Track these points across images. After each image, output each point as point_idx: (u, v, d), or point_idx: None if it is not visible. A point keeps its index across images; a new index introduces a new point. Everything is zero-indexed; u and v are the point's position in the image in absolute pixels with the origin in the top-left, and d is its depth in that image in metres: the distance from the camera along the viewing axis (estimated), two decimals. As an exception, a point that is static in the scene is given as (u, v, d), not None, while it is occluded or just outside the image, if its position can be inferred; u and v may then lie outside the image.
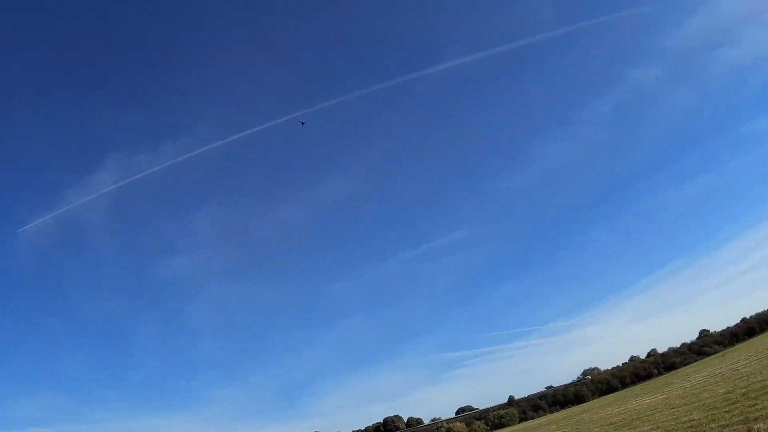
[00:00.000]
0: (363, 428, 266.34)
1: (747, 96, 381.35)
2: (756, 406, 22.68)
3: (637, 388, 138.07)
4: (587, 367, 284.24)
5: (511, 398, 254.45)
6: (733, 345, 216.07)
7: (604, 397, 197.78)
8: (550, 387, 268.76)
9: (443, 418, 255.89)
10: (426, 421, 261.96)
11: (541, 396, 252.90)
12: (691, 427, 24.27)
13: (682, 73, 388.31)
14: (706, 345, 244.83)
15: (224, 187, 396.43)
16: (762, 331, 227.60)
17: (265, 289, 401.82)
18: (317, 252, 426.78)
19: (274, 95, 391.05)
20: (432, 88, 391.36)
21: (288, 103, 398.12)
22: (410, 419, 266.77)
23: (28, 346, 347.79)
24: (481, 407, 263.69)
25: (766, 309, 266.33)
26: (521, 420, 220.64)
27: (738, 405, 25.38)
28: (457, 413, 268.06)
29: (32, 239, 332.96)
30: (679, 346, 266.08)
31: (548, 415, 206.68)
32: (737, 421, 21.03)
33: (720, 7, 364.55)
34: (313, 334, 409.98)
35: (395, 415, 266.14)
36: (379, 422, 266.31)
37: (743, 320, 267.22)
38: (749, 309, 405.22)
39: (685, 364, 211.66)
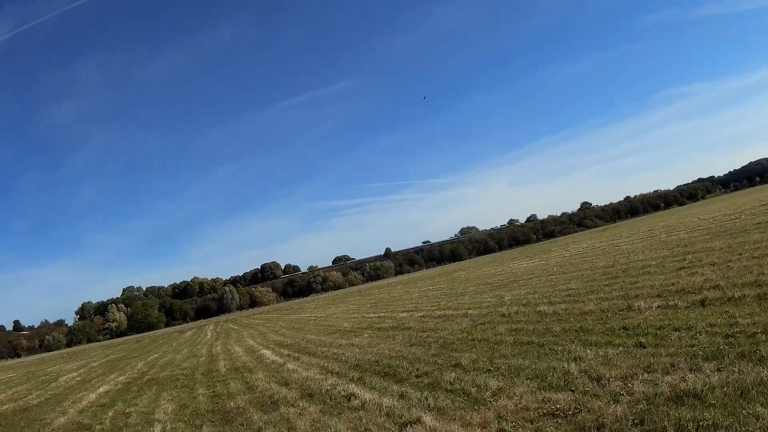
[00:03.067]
0: (241, 274, 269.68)
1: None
2: (636, 284, 22.51)
3: (515, 252, 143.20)
4: (465, 226, 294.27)
5: (387, 251, 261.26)
6: (615, 222, 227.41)
7: (481, 257, 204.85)
8: (427, 242, 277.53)
9: (320, 267, 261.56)
10: (303, 269, 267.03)
11: (417, 251, 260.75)
12: (569, 296, 24.04)
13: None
14: (587, 217, 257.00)
15: (112, 32, 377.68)
16: (645, 212, 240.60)
17: (147, 133, 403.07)
18: (199, 97, 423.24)
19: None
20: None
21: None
22: (287, 266, 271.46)
23: None
24: (358, 258, 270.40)
25: (651, 192, 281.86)
26: (397, 273, 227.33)
27: (618, 280, 25.31)
28: (333, 262, 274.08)
29: None
30: (559, 215, 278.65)
31: (424, 270, 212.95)
32: (617, 296, 20.78)
33: None
34: (191, 180, 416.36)
35: (273, 262, 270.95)
36: (257, 268, 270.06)
37: (627, 198, 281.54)
38: (634, 189, 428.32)
39: (565, 234, 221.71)
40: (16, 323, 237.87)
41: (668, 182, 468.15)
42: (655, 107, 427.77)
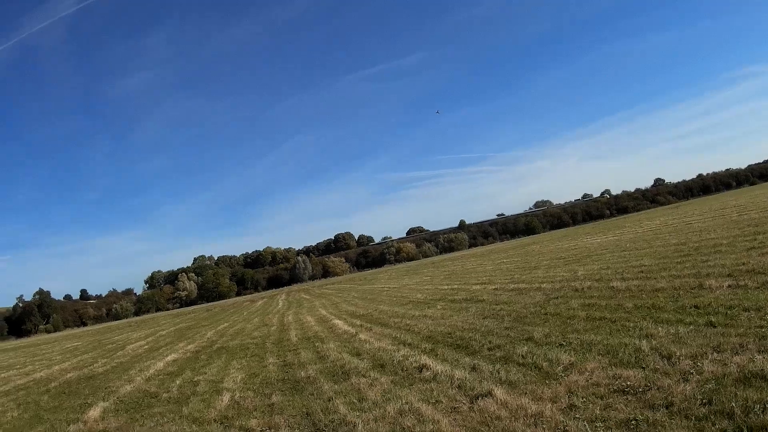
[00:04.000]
0: (314, 244, 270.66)
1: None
2: (708, 263, 22.07)
3: (588, 227, 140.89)
4: (539, 200, 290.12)
5: (462, 223, 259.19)
6: (687, 199, 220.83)
7: (555, 231, 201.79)
8: (502, 215, 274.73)
9: (394, 238, 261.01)
10: (377, 240, 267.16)
11: (491, 223, 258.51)
12: (642, 272, 23.72)
13: None
14: (660, 194, 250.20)
15: (182, 3, 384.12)
16: (717, 190, 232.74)
17: (218, 104, 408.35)
18: (271, 68, 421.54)
19: None
20: None
21: None
22: (361, 237, 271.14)
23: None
24: (432, 229, 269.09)
25: (723, 170, 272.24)
26: (471, 245, 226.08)
27: (689, 258, 24.82)
28: (407, 234, 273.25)
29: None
30: (633, 190, 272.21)
31: (498, 243, 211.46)
32: (688, 274, 20.42)
33: None
34: (263, 150, 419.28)
35: (346, 233, 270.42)
36: (331, 239, 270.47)
37: (699, 176, 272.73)
38: (706, 166, 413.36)
39: (638, 210, 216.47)
40: (83, 292, 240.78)
41: (740, 161, 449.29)
42: (728, 85, 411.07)
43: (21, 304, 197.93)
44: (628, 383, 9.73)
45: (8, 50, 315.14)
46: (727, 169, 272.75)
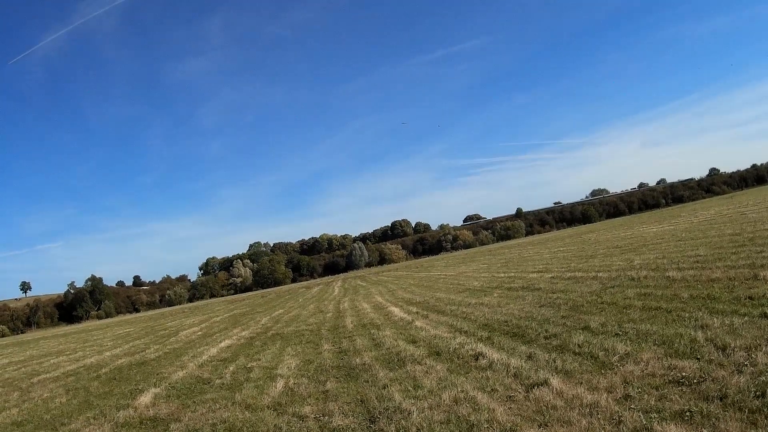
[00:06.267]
0: (371, 231, 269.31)
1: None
2: (762, 253, 21.27)
3: (645, 216, 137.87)
4: (596, 188, 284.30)
5: (519, 210, 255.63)
6: (742, 189, 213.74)
7: (611, 219, 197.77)
8: (558, 203, 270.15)
9: (450, 225, 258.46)
10: (433, 227, 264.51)
11: (548, 211, 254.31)
12: (697, 262, 23.07)
13: None
14: (715, 184, 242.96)
15: None
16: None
17: (277, 89, 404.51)
18: (330, 52, 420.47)
19: None
20: None
21: None
22: (418, 224, 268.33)
23: (38, 162, 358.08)
24: (489, 217, 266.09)
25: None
26: (528, 233, 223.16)
27: (745, 249, 24.02)
28: (464, 221, 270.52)
29: (46, 55, 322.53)
30: (687, 179, 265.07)
31: (555, 231, 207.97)
32: (743, 264, 19.76)
33: None
34: (322, 135, 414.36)
35: (403, 219, 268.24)
36: (388, 226, 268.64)
37: (753, 166, 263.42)
38: (761, 156, 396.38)
39: (693, 200, 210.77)
40: (136, 278, 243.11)
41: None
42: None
43: (73, 291, 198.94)
44: (683, 374, 9.48)
45: (65, 36, 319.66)
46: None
